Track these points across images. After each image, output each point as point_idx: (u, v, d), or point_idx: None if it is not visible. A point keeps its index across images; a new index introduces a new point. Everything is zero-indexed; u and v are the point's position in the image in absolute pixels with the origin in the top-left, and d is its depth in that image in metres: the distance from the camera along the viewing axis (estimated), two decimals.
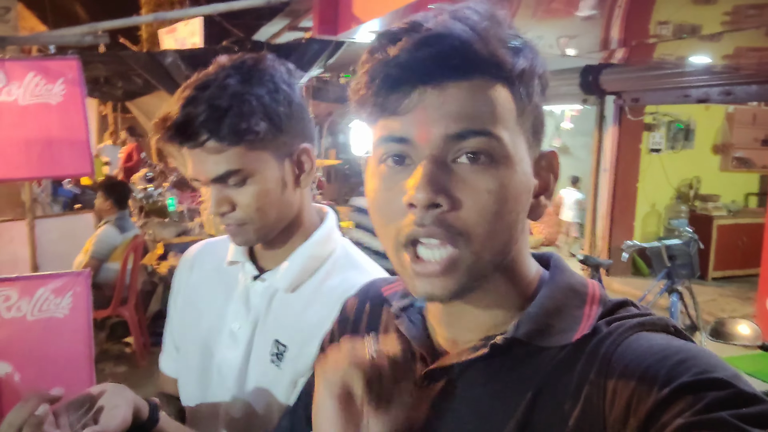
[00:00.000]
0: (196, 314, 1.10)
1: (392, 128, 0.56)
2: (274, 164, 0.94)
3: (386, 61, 0.54)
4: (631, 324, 0.57)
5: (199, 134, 0.88)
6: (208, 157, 0.90)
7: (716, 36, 3.78)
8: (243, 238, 0.96)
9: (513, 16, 2.35)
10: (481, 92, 0.55)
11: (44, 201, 5.34)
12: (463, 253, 0.56)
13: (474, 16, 0.56)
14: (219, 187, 0.92)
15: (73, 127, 2.47)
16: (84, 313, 2.44)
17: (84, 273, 2.47)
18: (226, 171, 0.90)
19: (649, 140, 7.27)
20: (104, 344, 4.52)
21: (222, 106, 0.88)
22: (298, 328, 0.97)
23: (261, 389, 0.99)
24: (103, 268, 4.22)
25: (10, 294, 2.36)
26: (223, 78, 0.91)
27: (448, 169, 0.55)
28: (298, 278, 1.00)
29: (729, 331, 1.85)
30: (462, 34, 0.54)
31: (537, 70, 0.59)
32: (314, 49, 3.75)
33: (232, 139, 0.89)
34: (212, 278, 1.11)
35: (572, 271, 0.66)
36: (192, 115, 0.87)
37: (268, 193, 0.94)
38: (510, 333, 0.59)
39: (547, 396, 0.57)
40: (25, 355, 2.37)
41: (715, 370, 0.50)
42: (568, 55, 4.66)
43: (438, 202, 0.54)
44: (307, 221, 1.04)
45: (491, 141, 0.55)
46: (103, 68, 3.64)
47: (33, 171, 2.51)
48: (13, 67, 2.41)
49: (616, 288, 6.77)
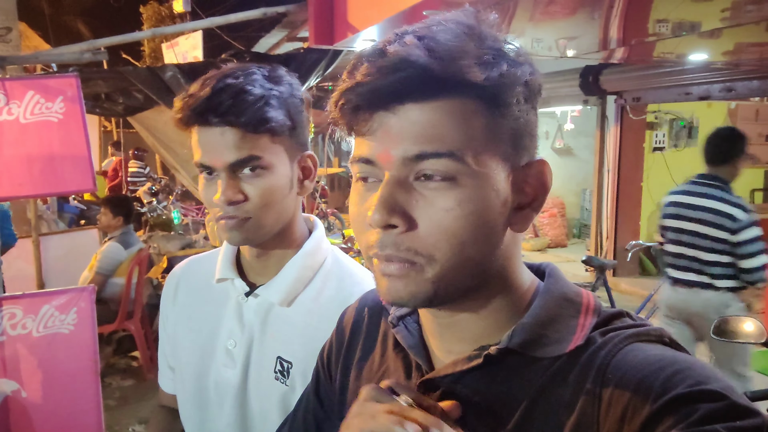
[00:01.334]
0: (187, 334, 1.08)
1: (361, 149, 0.59)
2: (287, 162, 0.96)
3: (350, 86, 0.56)
4: (626, 335, 0.57)
5: (228, 113, 0.89)
6: (231, 140, 0.90)
7: (716, 32, 3.78)
8: (241, 235, 0.94)
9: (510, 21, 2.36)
10: (445, 113, 0.55)
11: (49, 218, 5.37)
12: (426, 268, 0.56)
13: (442, 35, 0.55)
14: (233, 175, 0.92)
15: (74, 144, 2.48)
16: (89, 329, 2.44)
17: (88, 289, 2.48)
18: (248, 156, 0.91)
19: (652, 139, 7.25)
20: (111, 358, 4.53)
21: (251, 92, 0.90)
22: (302, 342, 0.96)
23: (267, 408, 0.97)
24: (109, 284, 4.24)
25: (15, 311, 2.37)
26: (248, 72, 0.93)
27: (409, 188, 0.56)
28: (293, 290, 0.99)
29: (733, 329, 1.84)
30: (418, 59, 0.54)
31: (519, 78, 0.57)
32: (312, 59, 3.76)
33: (257, 125, 0.90)
34: (201, 297, 1.08)
35: (567, 281, 0.66)
36: (222, 96, 0.89)
37: (278, 190, 0.94)
38: (504, 343, 0.59)
39: (542, 406, 0.57)
40: (32, 372, 2.38)
41: (709, 381, 0.50)
42: (568, 57, 4.66)
43: (392, 222, 0.55)
44: (297, 231, 1.04)
45: (450, 162, 0.55)
46: (103, 84, 3.65)
47: (36, 188, 2.52)
48: (13, 86, 2.43)
49: (624, 288, 6.73)
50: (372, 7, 3.08)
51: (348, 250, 4.31)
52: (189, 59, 6.35)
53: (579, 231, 9.65)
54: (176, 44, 6.89)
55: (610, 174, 7.21)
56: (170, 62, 6.70)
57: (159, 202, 7.06)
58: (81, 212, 7.68)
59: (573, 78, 6.75)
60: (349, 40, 3.48)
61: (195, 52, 6.34)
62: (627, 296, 6.50)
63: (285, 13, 3.84)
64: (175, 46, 6.90)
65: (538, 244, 9.01)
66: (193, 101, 0.90)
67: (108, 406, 3.59)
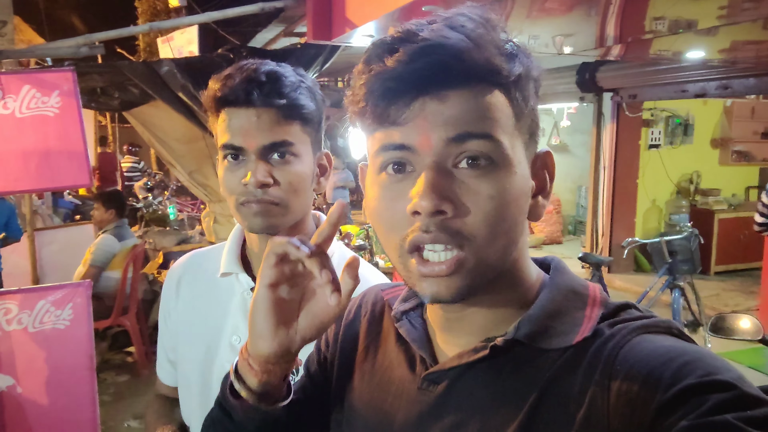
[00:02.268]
0: (191, 329, 1.07)
1: (392, 137, 0.57)
2: (311, 154, 0.97)
3: (384, 72, 0.55)
4: (634, 326, 0.57)
5: (269, 94, 0.90)
6: (266, 123, 0.91)
7: (712, 30, 3.78)
8: (269, 221, 0.94)
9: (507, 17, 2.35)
10: (480, 98, 0.55)
11: (44, 213, 5.35)
12: (468, 255, 0.56)
13: (468, 23, 0.56)
14: (264, 159, 0.92)
15: (70, 139, 2.47)
16: (84, 324, 2.44)
17: (84, 284, 2.47)
18: (282, 140, 0.92)
19: (647, 136, 7.27)
20: (106, 354, 4.53)
21: (289, 78, 0.92)
22: None
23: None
24: (103, 277, 4.23)
25: (10, 307, 2.36)
26: (279, 64, 0.95)
27: (450, 175, 0.56)
28: None
29: (729, 326, 1.85)
30: (459, 43, 0.54)
31: (532, 73, 0.59)
32: (310, 54, 3.75)
33: (292, 111, 0.92)
34: (204, 291, 1.08)
35: (573, 274, 0.66)
36: (263, 77, 0.90)
37: (305, 178, 0.96)
38: (510, 334, 0.59)
39: (551, 398, 0.57)
40: (27, 368, 2.37)
41: (720, 372, 0.50)
42: (565, 54, 4.66)
43: (442, 209, 0.54)
44: (308, 226, 1.04)
45: (491, 144, 0.55)
46: (99, 79, 3.63)
47: (32, 183, 2.51)
48: (9, 81, 2.41)
49: (619, 285, 6.75)
50: (371, 3, 3.07)
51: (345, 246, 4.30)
52: (184, 54, 6.32)
53: (574, 228, 9.68)
54: (171, 39, 6.85)
55: (606, 171, 7.23)
56: (166, 57, 6.67)
57: (154, 198, 7.03)
58: (76, 207, 7.66)
59: (570, 75, 6.75)
60: (347, 35, 3.46)
61: (190, 47, 6.31)
62: (622, 293, 6.52)
63: (282, 8, 3.82)
64: (171, 40, 6.86)
65: (533, 241, 9.02)
66: (233, 81, 0.91)
67: (103, 401, 3.58)
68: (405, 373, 0.69)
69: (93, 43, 3.24)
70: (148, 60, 9.10)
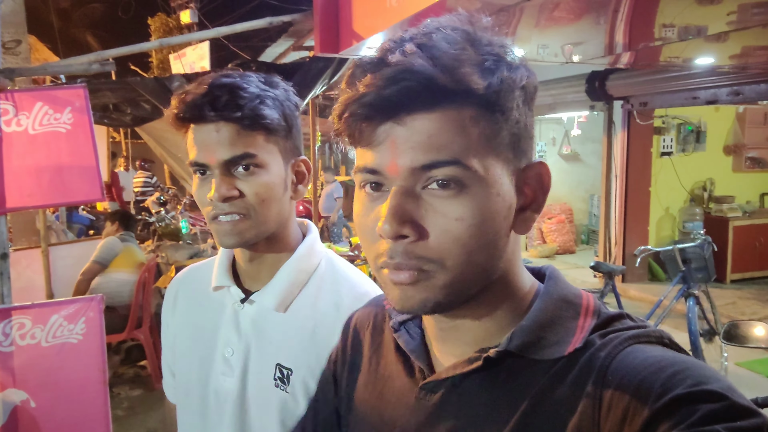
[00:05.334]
0: (187, 343, 1.07)
1: (366, 159, 0.58)
2: (281, 163, 0.96)
3: (355, 98, 0.56)
4: (625, 336, 0.57)
5: (224, 108, 0.90)
6: (225, 136, 0.91)
7: (722, 36, 3.76)
8: (237, 237, 0.93)
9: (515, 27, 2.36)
10: (449, 121, 0.55)
11: (58, 228, 5.40)
12: (437, 274, 0.56)
13: (442, 43, 0.55)
14: (227, 173, 0.92)
15: (82, 154, 2.50)
16: (97, 338, 2.45)
17: (96, 298, 2.48)
18: (243, 153, 0.91)
19: (659, 144, 7.22)
20: (119, 368, 4.54)
21: (247, 90, 0.92)
22: (302, 348, 0.96)
23: (266, 417, 0.96)
24: (107, 278, 4.26)
25: (24, 322, 2.38)
26: (243, 74, 0.95)
27: (417, 197, 0.56)
28: (288, 295, 0.99)
29: (743, 333, 1.82)
30: (423, 70, 0.54)
31: (517, 82, 0.58)
32: (318, 67, 3.78)
33: (253, 122, 0.91)
34: (199, 304, 1.08)
35: (567, 283, 0.66)
36: (218, 92, 0.90)
37: (273, 188, 0.95)
38: (503, 346, 0.60)
39: (542, 409, 0.57)
40: (41, 382, 2.38)
41: (709, 381, 0.49)
42: (574, 62, 4.65)
43: (404, 233, 0.55)
44: (291, 235, 1.03)
45: (458, 169, 0.55)
46: (111, 95, 3.68)
47: (45, 199, 2.54)
48: (22, 98, 2.45)
49: (633, 294, 6.69)
50: (377, 16, 3.09)
51: (355, 258, 4.30)
52: (196, 69, 6.40)
53: (587, 237, 9.62)
54: (183, 55, 6.95)
55: (618, 179, 7.18)
56: (178, 72, 6.76)
57: (167, 212, 7.08)
58: (91, 222, 7.73)
59: (579, 84, 6.74)
60: (354, 48, 3.49)
61: (202, 62, 6.39)
62: (636, 302, 6.46)
63: (291, 23, 3.86)
64: (183, 56, 6.96)
65: (545, 251, 8.97)
66: (189, 97, 0.91)
67: (116, 416, 3.59)
68: (404, 383, 0.69)
69: (106, 59, 3.28)
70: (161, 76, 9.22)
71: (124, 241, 4.44)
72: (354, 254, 4.45)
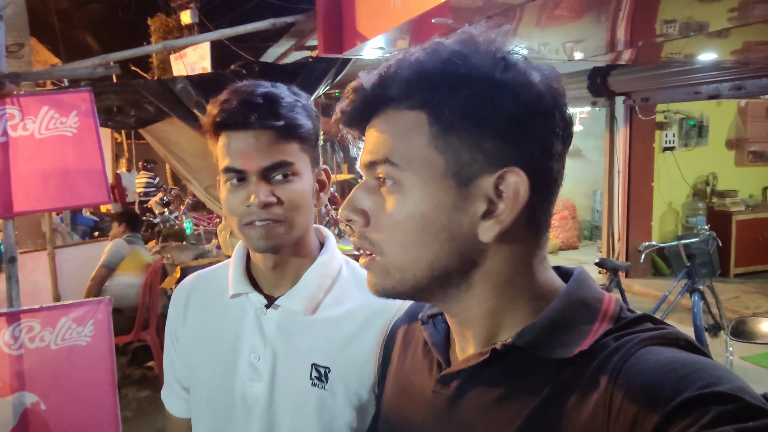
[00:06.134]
0: (204, 351, 1.05)
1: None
2: (310, 171, 0.99)
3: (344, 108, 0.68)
4: (640, 338, 0.57)
5: (266, 116, 0.92)
6: (264, 144, 0.93)
7: (724, 32, 3.76)
8: (273, 241, 0.95)
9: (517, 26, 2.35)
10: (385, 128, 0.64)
11: (64, 230, 5.43)
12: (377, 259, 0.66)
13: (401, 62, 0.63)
14: (265, 179, 0.94)
15: (88, 158, 2.51)
16: (105, 340, 2.46)
17: (104, 300, 2.50)
18: (281, 161, 0.93)
19: (662, 139, 7.22)
20: (126, 369, 4.56)
21: (285, 99, 0.94)
22: (338, 347, 0.97)
23: (300, 419, 0.96)
24: (120, 285, 4.29)
25: (33, 325, 2.39)
26: (274, 84, 0.97)
27: (373, 191, 0.66)
28: (315, 298, 1.00)
29: (751, 329, 1.83)
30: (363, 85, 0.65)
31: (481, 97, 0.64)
32: (321, 68, 3.78)
33: (290, 131, 0.94)
34: (214, 313, 1.06)
35: (590, 286, 0.66)
36: (260, 99, 0.92)
37: (306, 195, 0.97)
38: (512, 340, 0.61)
39: (552, 407, 0.57)
40: (50, 384, 2.40)
41: (721, 383, 0.49)
42: (576, 60, 4.65)
43: (350, 218, 0.66)
44: (311, 242, 1.05)
45: (389, 167, 0.63)
46: (115, 98, 3.68)
47: (52, 202, 2.54)
48: (28, 102, 2.46)
49: (637, 290, 6.69)
50: (380, 16, 3.09)
51: (359, 257, 4.31)
52: (197, 70, 6.40)
53: (590, 233, 9.61)
54: (184, 55, 6.95)
55: (620, 175, 7.18)
56: (179, 73, 6.75)
57: (170, 213, 7.10)
58: (95, 224, 7.75)
59: (581, 80, 6.73)
60: (357, 48, 3.49)
61: (203, 62, 6.39)
62: (641, 298, 6.46)
63: (293, 23, 3.86)
64: (184, 57, 6.96)
65: (549, 247, 8.97)
66: (229, 105, 0.92)
67: (125, 417, 3.60)
68: (425, 377, 0.72)
69: (109, 63, 3.29)
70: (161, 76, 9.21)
71: (131, 243, 4.46)
72: (360, 253, 4.46)
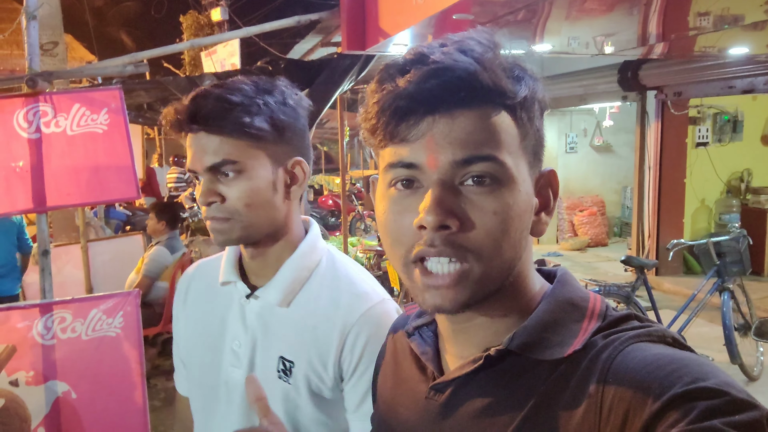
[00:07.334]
0: (197, 334, 1.12)
1: (401, 155, 0.59)
2: (268, 167, 0.99)
3: (396, 92, 0.57)
4: (627, 336, 0.58)
5: (206, 120, 0.95)
6: (209, 145, 0.96)
7: (759, 24, 3.67)
8: (225, 236, 0.99)
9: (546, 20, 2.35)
10: (486, 120, 0.58)
11: (97, 224, 5.55)
12: (472, 267, 0.58)
13: (478, 47, 0.58)
14: (212, 178, 0.97)
15: (118, 154, 2.57)
16: (135, 331, 2.52)
17: (133, 293, 2.56)
18: (223, 160, 0.96)
19: (695, 134, 7.06)
20: (156, 360, 4.66)
21: (230, 101, 0.95)
22: (303, 342, 1.00)
23: (272, 406, 0.99)
24: (154, 287, 4.38)
25: (65, 316, 2.46)
26: (237, 83, 0.99)
27: (456, 191, 0.58)
28: (290, 291, 1.03)
29: None
30: (468, 66, 0.56)
31: (537, 95, 0.62)
32: (345, 64, 3.80)
33: (234, 130, 0.95)
34: (208, 299, 1.13)
35: (575, 286, 0.67)
36: (201, 104, 0.95)
37: (258, 192, 0.98)
38: (504, 345, 0.61)
39: (544, 409, 0.58)
40: (81, 374, 2.47)
41: (707, 378, 0.50)
42: (606, 54, 4.58)
43: (447, 223, 0.57)
44: (293, 233, 1.06)
45: (495, 165, 0.58)
46: (145, 95, 3.77)
47: (83, 197, 2.61)
48: (60, 100, 2.52)
49: (667, 288, 6.58)
50: (403, 13, 3.10)
51: (383, 252, 4.32)
52: (227, 66, 6.49)
53: (620, 229, 9.47)
54: (214, 52, 7.04)
55: (651, 171, 7.05)
56: (209, 70, 6.85)
57: (199, 207, 7.22)
58: (127, 218, 7.91)
59: (611, 74, 6.63)
60: (381, 45, 3.50)
61: (232, 59, 6.47)
62: (670, 296, 6.35)
63: (318, 20, 3.89)
64: (213, 54, 7.05)
65: (577, 243, 8.87)
66: (177, 109, 0.97)
67: (153, 406, 3.69)
68: (417, 386, 0.72)
69: (139, 61, 3.36)
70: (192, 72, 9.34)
71: (174, 252, 4.49)
72: (382, 249, 4.48)
